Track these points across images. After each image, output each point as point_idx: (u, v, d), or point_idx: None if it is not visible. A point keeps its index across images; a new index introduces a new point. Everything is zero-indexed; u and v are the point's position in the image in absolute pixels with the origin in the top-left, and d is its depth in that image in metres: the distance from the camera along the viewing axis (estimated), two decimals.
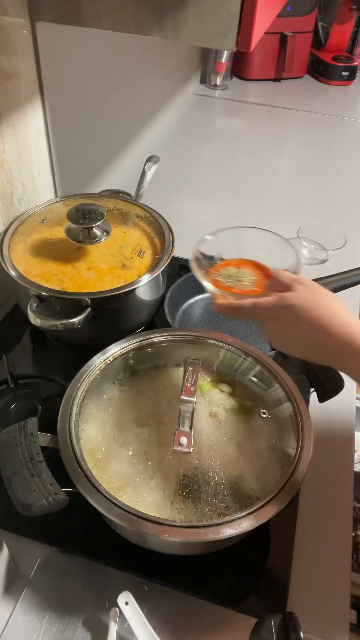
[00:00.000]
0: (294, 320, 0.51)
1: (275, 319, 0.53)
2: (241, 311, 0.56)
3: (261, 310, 0.54)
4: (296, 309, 0.51)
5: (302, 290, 0.53)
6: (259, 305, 0.54)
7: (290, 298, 0.52)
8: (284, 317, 0.52)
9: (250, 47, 0.61)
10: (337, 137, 1.62)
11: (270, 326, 0.55)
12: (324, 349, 0.51)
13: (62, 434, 0.55)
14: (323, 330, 0.50)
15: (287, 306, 0.52)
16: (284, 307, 0.52)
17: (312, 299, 0.52)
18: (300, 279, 0.55)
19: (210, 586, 0.59)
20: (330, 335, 0.50)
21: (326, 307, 0.51)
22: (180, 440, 0.54)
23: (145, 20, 0.64)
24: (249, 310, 0.55)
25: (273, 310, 0.53)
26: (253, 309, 0.54)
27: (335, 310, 0.51)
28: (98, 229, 0.78)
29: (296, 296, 0.52)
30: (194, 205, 1.24)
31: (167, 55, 1.50)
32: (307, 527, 0.65)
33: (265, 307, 0.53)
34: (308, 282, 0.54)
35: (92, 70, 1.03)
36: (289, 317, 0.52)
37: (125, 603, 0.55)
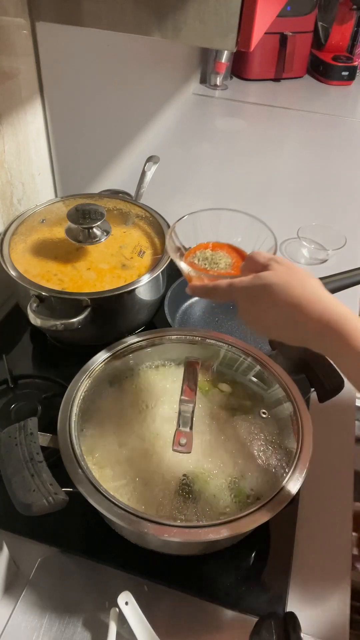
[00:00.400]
0: (270, 300, 0.50)
1: (251, 298, 0.52)
2: (217, 291, 0.54)
3: (237, 290, 0.53)
4: (272, 287, 0.50)
5: (278, 269, 0.52)
6: (234, 285, 0.53)
7: (267, 277, 0.51)
8: (260, 296, 0.51)
9: (250, 47, 0.61)
10: (337, 137, 1.62)
11: (246, 306, 0.53)
12: (300, 329, 0.49)
13: (62, 434, 0.55)
14: (299, 308, 0.49)
15: (263, 285, 0.50)
16: (260, 286, 0.51)
17: (288, 278, 0.50)
18: (276, 257, 0.54)
19: (210, 586, 0.59)
20: (306, 314, 0.48)
21: (302, 286, 0.50)
22: (180, 440, 0.54)
23: (145, 20, 0.64)
24: (225, 290, 0.54)
25: (249, 289, 0.52)
26: (228, 289, 0.53)
27: (311, 288, 0.50)
28: (98, 229, 0.78)
29: (272, 275, 0.51)
30: (194, 205, 1.23)
31: (167, 55, 1.50)
32: (307, 527, 0.65)
33: (241, 287, 0.52)
34: (284, 260, 0.53)
35: (92, 70, 1.03)
36: (265, 296, 0.50)
37: (125, 603, 0.55)
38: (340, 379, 0.64)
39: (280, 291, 0.50)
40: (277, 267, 0.52)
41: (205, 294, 0.57)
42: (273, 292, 0.50)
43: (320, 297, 0.49)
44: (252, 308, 0.53)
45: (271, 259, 0.53)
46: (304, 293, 0.49)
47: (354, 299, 0.96)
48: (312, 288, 0.50)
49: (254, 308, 0.52)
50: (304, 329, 0.49)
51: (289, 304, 0.49)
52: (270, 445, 0.59)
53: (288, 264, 0.53)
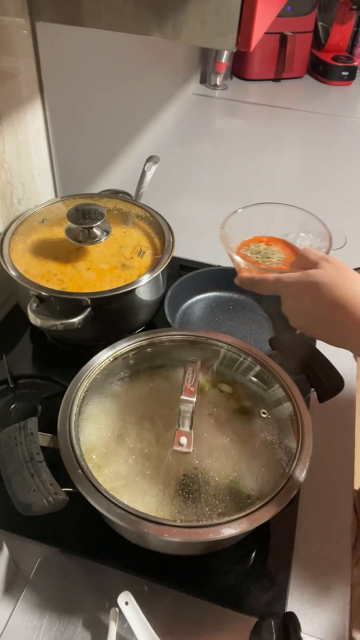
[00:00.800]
0: (316, 298, 0.50)
1: (297, 295, 0.52)
2: (264, 285, 0.55)
3: (284, 285, 0.53)
4: (319, 286, 0.50)
5: (327, 268, 0.51)
6: (281, 280, 0.53)
7: (314, 275, 0.51)
8: (305, 293, 0.51)
9: (250, 47, 0.61)
10: (337, 137, 1.62)
11: (291, 302, 0.53)
12: (343, 330, 0.49)
13: (62, 434, 0.55)
14: (345, 310, 0.48)
15: (310, 283, 0.50)
16: (306, 283, 0.51)
17: (336, 278, 0.50)
18: (327, 256, 0.53)
19: (210, 586, 0.59)
20: (351, 315, 0.48)
21: (350, 286, 0.49)
22: (180, 440, 0.54)
23: (145, 20, 0.64)
24: (272, 284, 0.54)
25: (295, 285, 0.52)
26: (275, 283, 0.54)
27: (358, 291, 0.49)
28: (98, 229, 0.78)
29: (320, 273, 0.51)
30: (193, 205, 1.24)
31: (167, 55, 1.50)
32: (307, 527, 0.65)
33: (288, 282, 0.52)
34: (335, 260, 0.53)
35: (92, 70, 1.03)
36: (310, 294, 0.50)
37: (125, 603, 0.55)
38: (341, 379, 0.64)
39: (326, 290, 0.49)
40: (327, 266, 0.52)
41: (252, 286, 0.57)
42: (319, 290, 0.50)
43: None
44: (297, 304, 0.53)
45: (322, 257, 0.53)
46: (351, 294, 0.49)
47: None
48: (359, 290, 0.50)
49: (299, 305, 0.52)
50: (347, 331, 0.49)
51: (334, 304, 0.49)
52: (270, 445, 0.59)
53: (338, 263, 0.52)
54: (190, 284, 0.92)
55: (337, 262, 0.53)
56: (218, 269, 0.95)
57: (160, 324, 0.84)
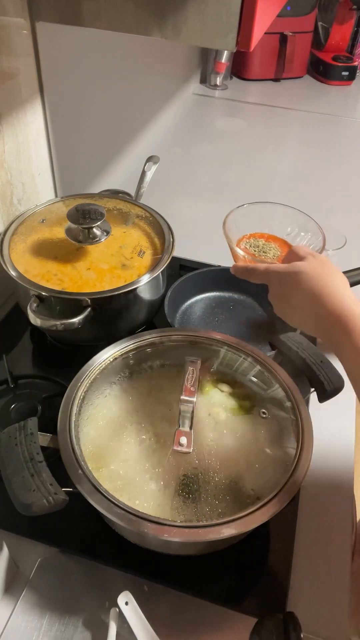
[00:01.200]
0: (296, 286, 0.55)
1: (281, 282, 0.57)
2: (254, 273, 0.61)
3: (272, 274, 0.58)
4: (301, 275, 0.55)
5: (312, 261, 0.56)
6: (270, 270, 0.59)
7: (299, 265, 0.56)
8: (288, 281, 0.56)
9: (250, 47, 0.61)
10: (337, 137, 1.62)
11: (276, 289, 0.59)
12: (318, 319, 0.53)
13: (62, 434, 0.55)
14: (319, 298, 0.53)
15: (294, 272, 0.55)
16: (291, 272, 0.56)
17: (317, 270, 0.55)
18: (315, 253, 0.58)
19: (210, 586, 0.59)
20: (323, 304, 0.52)
21: (328, 279, 0.54)
22: (180, 440, 0.54)
23: (145, 20, 0.64)
24: (261, 273, 0.60)
25: (281, 274, 0.57)
26: (265, 273, 0.59)
27: (336, 282, 0.54)
28: (98, 229, 0.78)
29: (304, 264, 0.56)
30: (194, 205, 1.24)
31: (167, 55, 1.50)
32: (307, 527, 0.65)
33: (275, 271, 0.58)
34: (321, 256, 0.58)
35: (92, 70, 1.03)
36: (293, 282, 0.55)
37: (125, 603, 0.55)
38: (341, 379, 0.64)
39: (306, 279, 0.54)
40: (311, 260, 0.57)
41: (244, 274, 0.63)
42: (301, 279, 0.55)
43: (342, 293, 0.53)
44: (280, 291, 0.58)
45: (310, 253, 0.59)
46: (328, 285, 0.53)
47: None
48: (337, 282, 0.54)
49: (281, 291, 0.58)
50: (318, 318, 0.53)
51: (311, 292, 0.53)
52: (270, 445, 0.59)
53: (323, 259, 0.58)
54: (190, 284, 0.92)
55: (323, 258, 0.58)
56: (218, 269, 0.95)
57: (160, 324, 0.84)
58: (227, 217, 0.71)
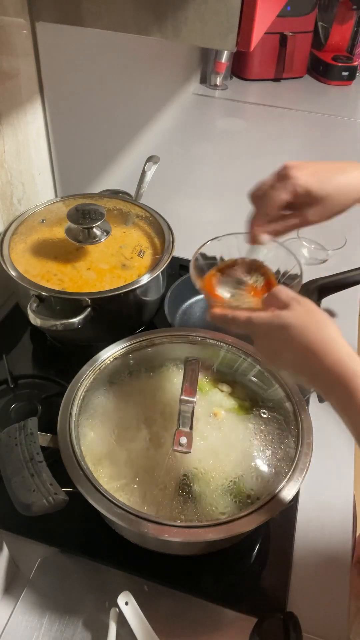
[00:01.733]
0: (287, 341, 0.50)
1: (268, 336, 0.52)
2: (235, 323, 0.55)
3: (255, 325, 0.53)
4: (290, 329, 0.49)
5: (298, 310, 0.51)
6: (252, 321, 0.53)
7: (286, 317, 0.50)
8: (277, 336, 0.51)
9: (250, 47, 0.61)
10: (337, 137, 1.62)
11: (263, 343, 0.53)
12: (313, 374, 0.49)
13: (62, 434, 0.55)
14: (315, 357, 0.48)
15: (281, 325, 0.50)
16: (277, 325, 0.50)
17: (306, 321, 0.50)
18: (298, 297, 0.53)
19: (210, 586, 0.59)
20: (320, 361, 0.48)
21: (321, 331, 0.49)
22: (180, 440, 0.54)
23: (145, 20, 0.64)
24: (243, 324, 0.54)
25: (266, 327, 0.51)
26: (247, 324, 0.53)
27: (328, 334, 0.49)
28: (98, 229, 0.78)
29: (292, 315, 0.50)
30: (194, 205, 1.24)
31: (167, 55, 1.50)
32: (307, 527, 0.65)
33: (259, 323, 0.52)
34: (306, 302, 0.52)
35: (92, 70, 1.03)
36: (282, 337, 0.50)
37: (125, 603, 0.55)
38: None
39: (296, 333, 0.49)
40: (297, 308, 0.51)
41: (224, 324, 0.56)
42: (289, 333, 0.49)
43: (337, 346, 0.48)
44: (269, 345, 0.53)
45: (293, 298, 0.52)
46: (320, 338, 0.49)
47: (354, 299, 0.96)
48: (329, 334, 0.49)
49: (270, 345, 0.52)
50: (315, 375, 0.49)
51: (304, 349, 0.49)
52: (270, 445, 0.59)
53: (309, 305, 0.52)
54: (190, 284, 0.90)
55: (308, 303, 0.52)
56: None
57: (160, 324, 0.84)
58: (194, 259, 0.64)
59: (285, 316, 0.51)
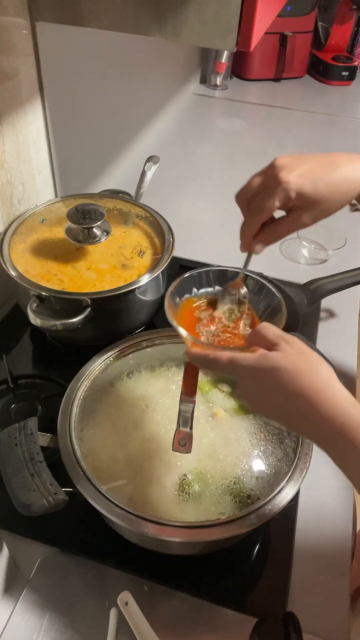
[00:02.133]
0: (277, 385, 0.45)
1: (255, 379, 0.46)
2: (217, 365, 0.49)
3: (239, 367, 0.47)
4: (280, 372, 0.44)
5: (289, 351, 0.46)
6: (236, 362, 0.47)
7: (274, 359, 0.45)
8: (264, 379, 0.45)
9: (250, 47, 0.61)
10: (337, 137, 1.62)
11: (249, 386, 0.48)
12: (306, 422, 0.44)
13: (62, 434, 0.55)
14: (309, 401, 0.43)
15: (271, 368, 0.45)
16: (265, 368, 0.45)
17: (298, 364, 0.45)
18: (287, 336, 0.47)
19: (210, 586, 0.59)
20: (317, 409, 0.43)
21: (313, 375, 0.45)
22: (180, 441, 0.54)
23: (145, 20, 0.64)
24: (226, 365, 0.48)
25: (252, 370, 0.46)
26: (230, 365, 0.47)
27: (323, 378, 0.45)
28: (98, 229, 0.78)
29: (281, 357, 0.45)
30: (194, 205, 1.24)
31: (167, 55, 1.50)
32: (307, 527, 0.65)
33: (245, 365, 0.46)
34: (295, 341, 0.47)
35: (92, 70, 1.03)
36: (271, 381, 0.45)
37: (125, 603, 0.55)
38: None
39: (287, 378, 0.44)
40: (287, 349, 0.46)
41: (204, 365, 0.51)
42: (279, 377, 0.44)
43: (333, 393, 0.44)
44: (256, 390, 0.47)
45: (281, 337, 0.47)
46: (315, 384, 0.44)
47: (354, 299, 0.96)
48: (325, 379, 0.45)
49: (257, 390, 0.47)
50: (310, 423, 0.44)
51: (297, 394, 0.44)
52: (270, 445, 0.59)
53: (299, 345, 0.47)
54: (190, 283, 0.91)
55: (298, 343, 0.47)
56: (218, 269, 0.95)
57: (160, 324, 0.84)
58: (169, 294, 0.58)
59: (274, 358, 0.45)
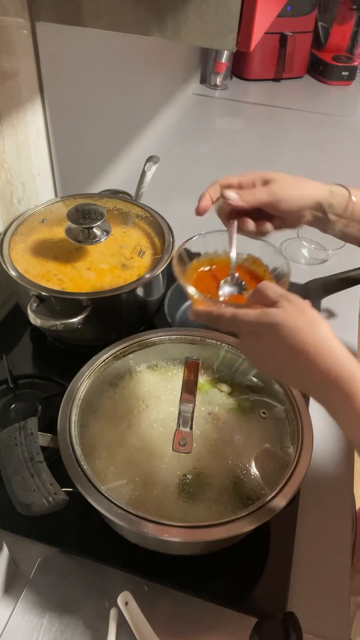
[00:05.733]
0: (276, 341, 0.46)
1: (256, 335, 0.48)
2: (220, 321, 0.51)
3: (241, 323, 0.49)
4: (280, 328, 0.46)
5: (289, 308, 0.47)
6: (239, 318, 0.49)
7: (275, 315, 0.47)
8: (265, 335, 0.47)
9: (250, 47, 0.61)
10: (337, 137, 1.62)
11: (250, 343, 0.50)
12: (304, 376, 0.46)
13: (62, 434, 0.55)
14: (307, 356, 0.45)
15: (271, 324, 0.46)
16: (266, 324, 0.47)
17: (298, 320, 0.46)
18: (288, 295, 0.49)
19: (210, 586, 0.59)
20: (313, 363, 0.45)
21: (312, 330, 0.46)
22: (180, 441, 0.54)
23: (145, 20, 0.64)
24: (229, 321, 0.50)
25: (254, 325, 0.48)
26: (232, 321, 0.49)
27: (322, 334, 0.46)
28: (98, 229, 0.78)
29: (281, 314, 0.47)
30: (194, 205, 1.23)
31: (167, 55, 1.50)
32: (307, 527, 0.65)
33: (246, 321, 0.48)
34: (296, 299, 0.48)
35: (92, 70, 1.03)
36: (271, 336, 0.46)
37: (125, 603, 0.55)
38: None
39: (287, 333, 0.46)
40: (287, 306, 0.47)
41: (208, 321, 0.53)
42: (280, 333, 0.46)
43: (330, 348, 0.45)
44: (256, 345, 0.49)
45: (282, 295, 0.49)
46: (313, 339, 0.45)
47: (354, 299, 0.96)
48: (323, 335, 0.46)
49: (257, 346, 0.49)
50: (308, 378, 0.46)
51: (296, 349, 0.45)
52: (270, 445, 0.59)
53: (299, 303, 0.48)
54: None
55: (299, 301, 0.48)
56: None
57: (160, 324, 0.84)
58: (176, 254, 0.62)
59: (274, 314, 0.47)
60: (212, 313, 0.52)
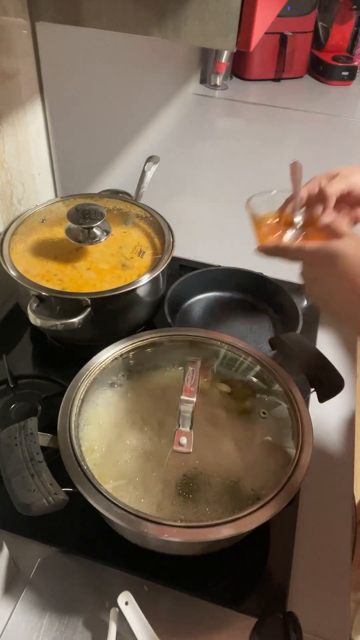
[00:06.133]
0: (333, 268, 0.50)
1: (316, 264, 0.52)
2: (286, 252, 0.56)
3: (304, 253, 0.53)
4: (338, 257, 0.49)
5: (349, 241, 0.51)
6: (303, 248, 0.54)
7: (335, 245, 0.50)
8: (324, 263, 0.51)
9: (250, 47, 0.61)
10: (337, 137, 1.62)
11: (309, 271, 0.54)
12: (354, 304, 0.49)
13: (62, 434, 0.55)
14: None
15: (330, 253, 0.50)
16: (326, 253, 0.50)
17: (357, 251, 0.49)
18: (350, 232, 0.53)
19: (210, 586, 0.59)
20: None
21: None
22: (180, 441, 0.54)
23: (145, 20, 0.64)
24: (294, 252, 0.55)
25: (316, 254, 0.52)
26: (297, 251, 0.55)
27: None
28: (98, 229, 0.78)
29: (343, 245, 0.50)
30: (194, 205, 1.24)
31: (167, 55, 1.50)
32: (307, 527, 0.65)
33: (310, 251, 0.53)
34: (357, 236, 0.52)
35: (92, 70, 1.04)
36: (329, 264, 0.50)
37: (125, 603, 0.55)
38: (341, 379, 0.64)
39: (344, 262, 0.49)
40: (348, 240, 0.51)
41: (275, 253, 0.58)
42: (339, 262, 0.49)
43: None
44: (315, 274, 0.53)
45: (345, 232, 0.53)
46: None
47: None
48: None
49: (316, 274, 0.53)
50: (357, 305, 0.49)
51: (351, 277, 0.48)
52: (270, 445, 0.59)
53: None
54: (190, 284, 0.92)
55: None
56: (218, 269, 0.95)
57: (160, 324, 0.84)
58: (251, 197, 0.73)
59: (335, 245, 0.50)
60: (279, 245, 0.59)
